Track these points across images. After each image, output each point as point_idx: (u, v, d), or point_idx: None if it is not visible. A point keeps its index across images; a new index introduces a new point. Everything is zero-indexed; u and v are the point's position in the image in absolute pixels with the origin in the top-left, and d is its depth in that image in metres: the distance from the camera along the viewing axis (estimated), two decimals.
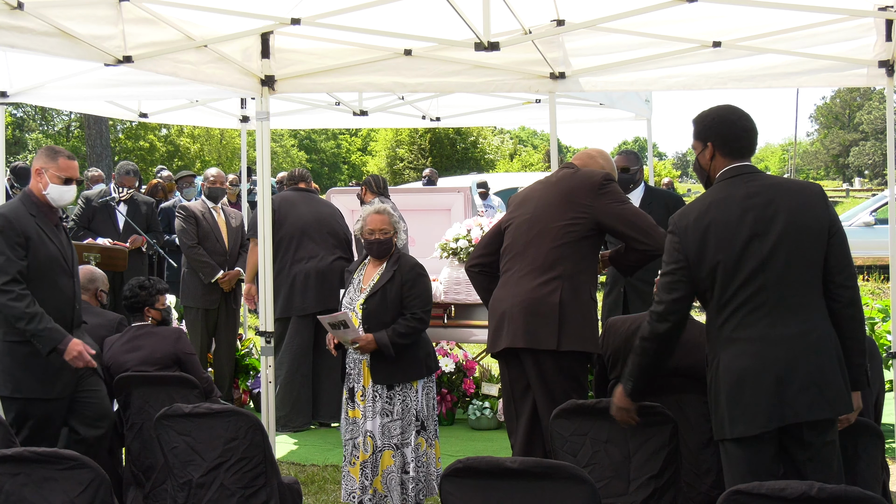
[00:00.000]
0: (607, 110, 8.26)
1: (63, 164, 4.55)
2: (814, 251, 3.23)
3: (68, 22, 4.19)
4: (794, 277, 3.21)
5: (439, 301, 6.98)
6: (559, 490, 2.76)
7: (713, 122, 3.43)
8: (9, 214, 4.44)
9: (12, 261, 4.33)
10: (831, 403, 3.17)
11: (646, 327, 3.47)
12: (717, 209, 3.32)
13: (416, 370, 4.75)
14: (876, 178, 53.15)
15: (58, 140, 38.98)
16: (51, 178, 4.52)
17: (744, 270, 3.23)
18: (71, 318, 4.57)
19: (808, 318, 3.21)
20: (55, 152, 4.59)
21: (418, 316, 4.73)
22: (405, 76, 5.46)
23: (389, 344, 4.62)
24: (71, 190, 4.58)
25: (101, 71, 5.45)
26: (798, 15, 4.92)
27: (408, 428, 4.71)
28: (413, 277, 4.77)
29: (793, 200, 3.26)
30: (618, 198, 4.25)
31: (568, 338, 4.12)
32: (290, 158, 44.39)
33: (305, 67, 5.39)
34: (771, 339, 3.19)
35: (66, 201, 4.63)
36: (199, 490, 3.78)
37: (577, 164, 4.47)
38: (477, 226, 7.02)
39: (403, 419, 4.70)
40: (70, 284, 4.60)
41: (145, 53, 4.63)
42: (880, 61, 5.03)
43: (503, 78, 5.53)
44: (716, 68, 5.44)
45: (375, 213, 4.85)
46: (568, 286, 4.16)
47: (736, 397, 3.21)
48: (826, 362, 3.18)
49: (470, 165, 33.69)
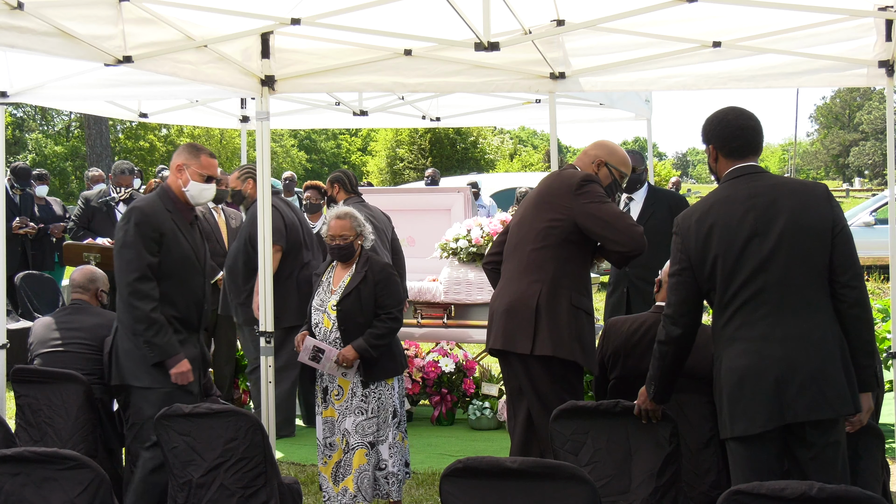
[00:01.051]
0: (607, 110, 8.25)
1: (205, 161, 4.48)
2: (817, 251, 3.22)
3: (68, 22, 4.19)
4: (797, 277, 3.21)
5: (439, 301, 6.99)
6: (559, 490, 2.76)
7: (712, 124, 3.45)
8: (145, 208, 4.39)
9: (143, 256, 4.27)
10: (832, 404, 3.16)
11: (661, 331, 3.48)
12: (719, 209, 3.32)
13: (392, 368, 4.81)
14: (876, 178, 53.17)
15: (58, 140, 38.98)
16: (192, 175, 4.44)
17: (745, 270, 3.23)
18: (198, 318, 4.57)
19: (810, 318, 3.20)
20: (197, 149, 4.51)
21: (393, 315, 4.78)
22: (405, 76, 5.46)
23: (369, 348, 4.66)
24: (211, 188, 4.51)
25: (101, 71, 5.45)
26: (798, 15, 4.92)
27: (383, 425, 4.74)
28: (385, 277, 4.81)
29: (795, 200, 3.25)
30: (594, 198, 4.15)
31: (542, 343, 4.09)
32: (290, 158, 44.41)
33: (305, 67, 5.39)
34: (772, 338, 3.19)
35: (206, 199, 4.57)
36: (199, 490, 3.78)
37: (576, 163, 4.46)
38: (477, 226, 7.03)
39: (379, 416, 4.73)
40: (201, 284, 4.57)
41: (145, 53, 4.63)
42: (880, 61, 5.03)
43: (503, 78, 5.53)
44: (716, 68, 5.44)
45: (337, 217, 4.85)
46: (547, 290, 4.13)
47: (737, 396, 3.22)
48: (828, 362, 3.17)
49: (470, 165, 33.70)
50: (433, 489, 5.29)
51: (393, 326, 4.78)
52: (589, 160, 4.37)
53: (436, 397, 6.89)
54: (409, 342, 7.07)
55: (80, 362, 4.89)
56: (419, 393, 6.91)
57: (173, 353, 4.31)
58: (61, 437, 4.70)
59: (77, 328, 5.00)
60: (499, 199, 15.02)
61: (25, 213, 9.38)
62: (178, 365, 4.32)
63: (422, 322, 7.10)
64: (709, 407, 4.01)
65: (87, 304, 5.14)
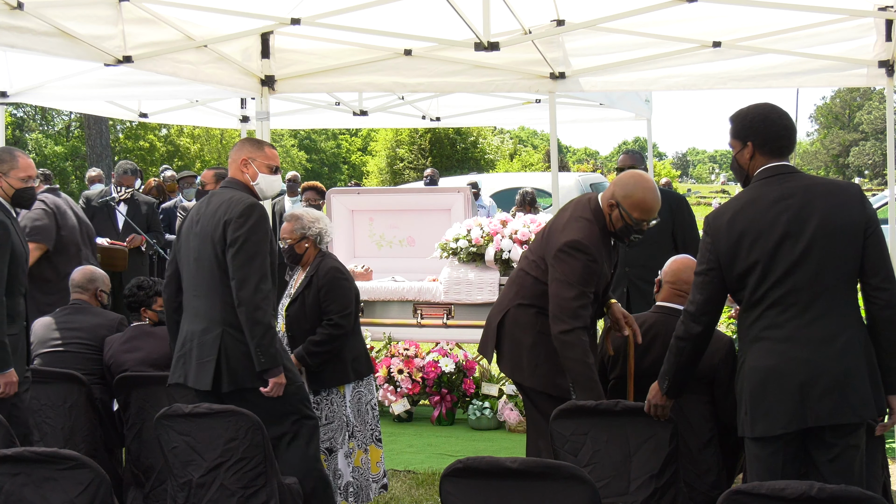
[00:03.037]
0: (607, 110, 8.26)
1: (269, 152, 4.28)
2: (848, 253, 3.18)
3: (68, 22, 4.19)
4: (827, 279, 3.17)
5: (439, 301, 6.99)
6: (559, 490, 2.76)
7: (754, 120, 3.36)
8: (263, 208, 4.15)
9: (267, 259, 4.05)
10: (855, 408, 3.12)
11: (680, 327, 3.47)
12: (751, 210, 3.28)
13: (339, 376, 4.69)
14: (876, 178, 53.18)
15: (58, 140, 39.00)
16: (259, 167, 4.21)
17: (776, 271, 3.20)
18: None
19: (838, 320, 3.16)
20: (259, 142, 4.33)
21: (334, 322, 4.66)
22: (405, 76, 5.47)
23: (305, 355, 4.59)
24: (278, 179, 4.30)
25: (101, 71, 5.46)
26: (798, 15, 4.92)
27: (337, 433, 4.68)
28: (328, 282, 4.68)
29: (829, 201, 3.21)
30: (564, 270, 3.97)
31: (501, 358, 4.29)
32: (290, 158, 44.41)
33: (305, 67, 5.40)
34: (798, 340, 3.16)
35: (275, 191, 4.36)
36: (199, 490, 3.78)
37: (602, 196, 4.20)
38: (477, 226, 7.02)
39: (331, 424, 4.67)
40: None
41: (145, 53, 4.64)
42: (880, 61, 5.04)
43: (503, 78, 5.54)
44: (716, 68, 5.45)
45: (286, 219, 4.80)
46: (514, 311, 4.22)
47: (759, 397, 3.20)
48: (853, 366, 3.13)
49: (470, 165, 33.68)
50: (433, 489, 5.29)
51: (333, 333, 4.64)
52: (607, 196, 4.13)
53: (436, 397, 6.89)
54: (409, 342, 7.07)
55: (80, 362, 4.89)
56: (419, 393, 6.91)
57: (280, 363, 4.07)
58: (61, 438, 4.70)
59: (77, 328, 5.00)
60: (499, 199, 14.96)
61: None
62: (279, 377, 4.06)
63: (422, 322, 7.10)
64: (709, 407, 4.02)
65: (87, 304, 5.14)
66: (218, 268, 4.04)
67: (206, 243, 4.08)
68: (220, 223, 4.03)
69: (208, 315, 4.08)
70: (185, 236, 4.22)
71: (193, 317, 4.14)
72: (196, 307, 4.13)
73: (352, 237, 8.25)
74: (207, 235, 4.07)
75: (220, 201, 4.12)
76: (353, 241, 8.26)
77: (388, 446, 6.25)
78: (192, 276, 4.15)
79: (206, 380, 4.03)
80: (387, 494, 5.19)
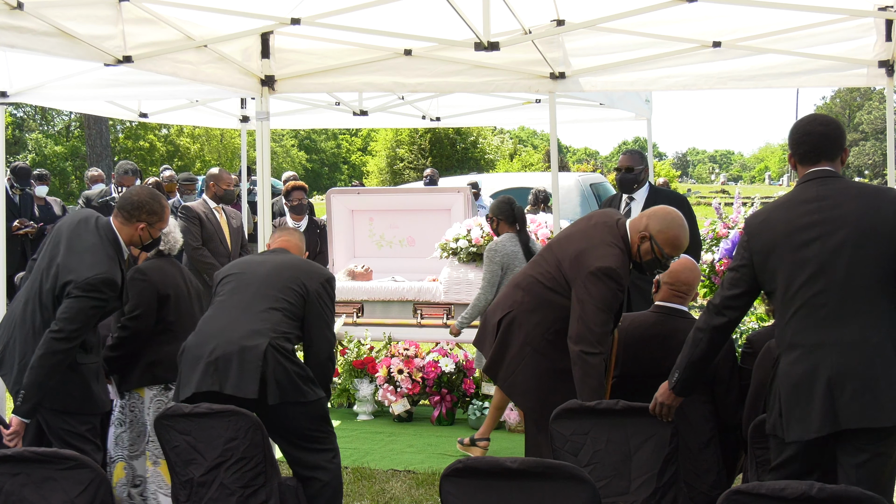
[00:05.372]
0: (607, 110, 8.26)
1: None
2: (882, 255, 3.17)
3: (68, 22, 4.19)
4: (858, 281, 3.16)
5: (439, 301, 6.99)
6: (559, 490, 2.76)
7: (789, 132, 3.45)
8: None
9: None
10: (886, 412, 3.08)
11: (701, 318, 3.48)
12: (785, 211, 3.33)
13: (135, 378, 4.55)
14: (876, 178, 53.16)
15: (58, 140, 39.01)
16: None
17: (805, 272, 3.21)
18: None
19: (870, 322, 3.14)
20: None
21: (121, 323, 4.54)
22: (405, 76, 5.46)
23: (104, 361, 4.46)
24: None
25: (101, 71, 5.45)
26: (798, 15, 4.92)
27: (137, 439, 4.60)
28: (128, 281, 4.44)
29: (862, 203, 3.22)
30: (596, 295, 4.00)
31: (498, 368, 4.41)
32: (290, 158, 44.44)
33: (305, 67, 5.40)
34: (828, 344, 3.15)
35: None
36: (199, 489, 3.78)
37: (630, 223, 4.20)
38: (477, 226, 7.02)
39: (133, 430, 4.59)
40: None
41: (145, 53, 4.63)
42: (880, 61, 5.03)
43: (503, 78, 5.53)
44: (716, 68, 5.44)
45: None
46: (517, 319, 4.27)
47: (792, 403, 3.20)
48: (884, 369, 3.10)
49: (470, 165, 33.67)
50: (433, 489, 5.29)
51: (121, 335, 4.52)
52: (639, 227, 4.13)
53: (436, 397, 6.89)
54: (409, 342, 7.07)
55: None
56: (419, 393, 6.91)
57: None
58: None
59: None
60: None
61: (25, 213, 9.36)
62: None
63: (422, 322, 7.10)
64: (709, 407, 4.02)
65: None
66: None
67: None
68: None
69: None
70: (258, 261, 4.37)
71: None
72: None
73: (352, 237, 8.26)
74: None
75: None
76: (353, 241, 8.26)
77: (388, 446, 6.26)
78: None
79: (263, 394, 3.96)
80: (387, 494, 5.19)
